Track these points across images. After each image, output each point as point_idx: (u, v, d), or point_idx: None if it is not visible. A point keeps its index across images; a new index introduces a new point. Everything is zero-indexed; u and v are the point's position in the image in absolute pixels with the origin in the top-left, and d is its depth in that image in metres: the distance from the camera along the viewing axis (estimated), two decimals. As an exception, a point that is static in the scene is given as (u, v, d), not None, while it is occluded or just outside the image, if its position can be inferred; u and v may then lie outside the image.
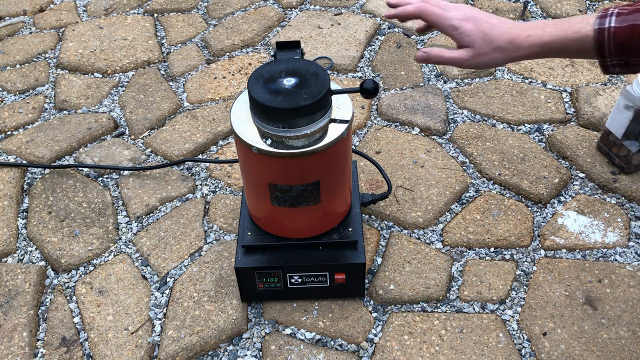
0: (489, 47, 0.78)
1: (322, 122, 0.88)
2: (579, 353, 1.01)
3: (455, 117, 1.49)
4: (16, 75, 1.69)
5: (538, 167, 1.34)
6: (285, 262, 1.02)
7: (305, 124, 0.87)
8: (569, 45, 0.75)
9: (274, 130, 0.87)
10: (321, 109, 0.87)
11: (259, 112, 0.88)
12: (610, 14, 0.72)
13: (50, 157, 1.42)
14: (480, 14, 0.80)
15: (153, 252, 1.21)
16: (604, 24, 0.71)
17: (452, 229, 1.22)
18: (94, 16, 1.93)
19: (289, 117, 0.85)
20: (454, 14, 0.80)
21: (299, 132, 0.87)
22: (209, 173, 1.37)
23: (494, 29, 0.78)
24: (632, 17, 0.69)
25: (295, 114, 0.85)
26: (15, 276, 1.17)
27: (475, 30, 0.78)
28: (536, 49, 0.77)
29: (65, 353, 1.05)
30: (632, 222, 1.23)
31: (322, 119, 0.88)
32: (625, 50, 0.71)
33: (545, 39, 0.76)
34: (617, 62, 0.73)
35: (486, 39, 0.78)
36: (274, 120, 0.86)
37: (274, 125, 0.87)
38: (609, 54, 0.72)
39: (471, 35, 0.79)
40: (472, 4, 1.90)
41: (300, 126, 0.87)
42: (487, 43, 0.78)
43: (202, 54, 1.75)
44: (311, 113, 0.86)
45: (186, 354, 1.04)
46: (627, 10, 0.71)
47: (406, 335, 1.05)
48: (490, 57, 0.79)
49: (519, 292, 1.11)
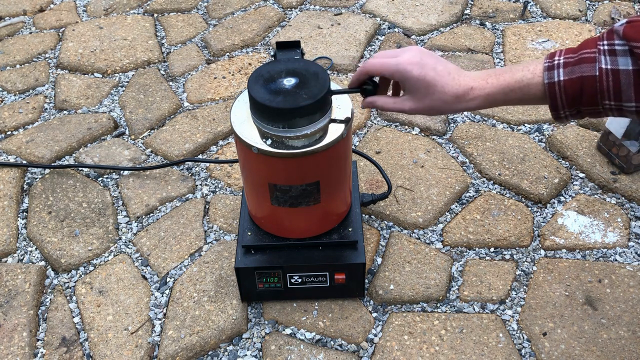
0: (431, 99, 0.79)
1: (322, 122, 0.88)
2: (579, 353, 1.01)
3: (455, 117, 1.49)
4: (16, 75, 1.69)
5: (538, 167, 1.34)
6: (285, 262, 1.02)
7: (305, 124, 0.87)
8: (511, 96, 0.76)
9: (274, 130, 0.87)
10: (321, 109, 0.87)
11: (259, 112, 0.88)
12: (557, 65, 0.71)
13: (50, 157, 1.42)
14: (428, 59, 0.79)
15: (153, 252, 1.21)
16: (553, 77, 0.71)
17: (452, 229, 1.22)
18: (94, 16, 1.93)
19: (289, 117, 0.85)
20: (400, 60, 0.80)
21: (299, 132, 0.87)
22: (209, 173, 1.37)
23: (438, 79, 0.78)
24: (578, 68, 0.69)
25: (295, 114, 0.85)
26: (15, 276, 1.17)
27: (420, 78, 0.78)
28: (480, 101, 0.78)
29: (65, 353, 1.05)
30: (632, 222, 1.23)
31: (322, 119, 0.88)
32: (576, 102, 0.71)
33: (487, 90, 0.77)
34: (570, 113, 0.73)
35: (429, 90, 0.78)
36: (274, 121, 0.86)
37: (274, 126, 0.87)
38: (562, 107, 0.72)
39: (415, 84, 0.79)
40: (472, 4, 1.90)
41: (300, 126, 0.87)
42: (430, 94, 0.79)
43: (202, 54, 1.75)
44: (311, 113, 0.86)
45: (186, 354, 1.04)
46: (573, 59, 0.70)
47: (406, 335, 1.05)
48: (432, 106, 0.80)
49: (519, 292, 1.11)
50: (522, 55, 1.67)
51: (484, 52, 1.69)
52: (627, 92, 0.67)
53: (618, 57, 0.67)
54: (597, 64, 0.68)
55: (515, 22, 1.82)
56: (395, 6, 1.90)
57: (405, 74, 0.79)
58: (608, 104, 0.69)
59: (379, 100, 0.86)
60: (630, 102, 0.68)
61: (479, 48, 1.71)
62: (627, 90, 0.67)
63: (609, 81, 0.68)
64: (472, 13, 1.87)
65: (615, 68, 0.67)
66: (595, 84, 0.68)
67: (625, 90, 0.67)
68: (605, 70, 0.68)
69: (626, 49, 0.67)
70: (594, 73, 0.68)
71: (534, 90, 0.74)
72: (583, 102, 0.71)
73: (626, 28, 0.66)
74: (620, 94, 0.68)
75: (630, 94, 0.67)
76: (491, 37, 1.75)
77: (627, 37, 0.66)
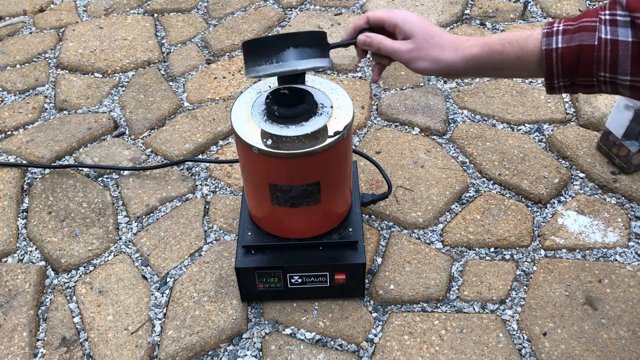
0: (428, 43, 0.78)
1: (315, 61, 0.84)
2: (579, 353, 1.01)
3: (455, 117, 1.50)
4: (16, 75, 1.68)
5: (538, 167, 1.34)
6: (285, 262, 1.02)
7: (298, 57, 0.83)
8: (507, 49, 0.74)
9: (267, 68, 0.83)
10: (316, 44, 0.84)
11: (253, 50, 0.84)
12: (556, 31, 0.70)
13: (50, 157, 1.42)
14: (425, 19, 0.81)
15: (153, 252, 1.21)
16: (551, 44, 0.70)
17: (452, 229, 1.22)
18: (94, 16, 1.93)
19: (283, 44, 0.82)
20: (399, 10, 0.82)
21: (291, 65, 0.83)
22: (209, 173, 1.37)
23: (436, 29, 0.79)
24: (578, 36, 0.68)
25: (289, 41, 0.82)
26: (15, 276, 1.17)
27: (419, 23, 0.79)
28: (478, 49, 0.76)
29: (65, 353, 1.05)
30: (632, 222, 1.23)
31: (316, 58, 0.84)
32: (572, 72, 0.70)
33: (486, 40, 0.76)
34: (564, 84, 0.72)
35: (428, 33, 0.78)
36: (268, 53, 0.82)
37: (267, 62, 0.83)
38: (556, 76, 0.71)
39: (414, 27, 0.79)
40: (472, 4, 1.90)
41: (292, 59, 0.83)
42: (429, 38, 0.78)
43: (202, 54, 1.75)
44: (305, 45, 0.83)
45: (186, 354, 1.04)
46: (573, 27, 0.69)
47: (406, 335, 1.05)
48: (428, 54, 0.78)
49: (519, 292, 1.11)
50: (522, 55, 1.67)
51: (484, 52, 1.69)
52: (624, 64, 0.66)
53: (619, 27, 0.66)
54: (596, 33, 0.66)
55: (515, 22, 1.82)
56: (395, 6, 1.90)
57: (406, 16, 0.79)
58: (603, 76, 0.68)
59: (376, 37, 0.82)
60: (625, 75, 0.67)
61: (479, 48, 1.71)
62: (623, 62, 0.66)
63: (606, 52, 0.66)
64: (472, 13, 1.87)
65: (614, 39, 0.66)
66: (593, 54, 0.67)
67: (622, 62, 0.66)
68: (604, 40, 0.66)
69: (627, 20, 0.65)
70: (593, 42, 0.66)
71: (531, 46, 0.72)
72: (579, 72, 0.69)
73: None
74: (617, 66, 0.66)
75: (627, 66, 0.66)
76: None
77: (630, 8, 0.65)
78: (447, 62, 0.78)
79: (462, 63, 0.78)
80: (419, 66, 0.80)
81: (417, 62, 0.79)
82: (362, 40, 0.84)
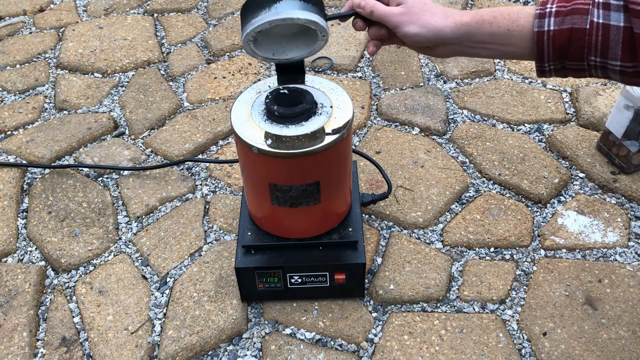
0: (420, 8, 0.77)
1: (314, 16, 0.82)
2: (579, 353, 1.01)
3: (455, 117, 1.50)
4: (16, 75, 1.69)
5: (538, 167, 1.34)
6: (285, 262, 1.02)
7: (296, 7, 0.80)
8: (499, 20, 0.73)
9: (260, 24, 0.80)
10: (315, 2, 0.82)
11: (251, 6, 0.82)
12: (549, 12, 0.69)
13: (50, 157, 1.42)
14: None
15: (153, 252, 1.21)
16: (543, 25, 0.69)
17: (452, 229, 1.22)
18: (94, 16, 1.93)
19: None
20: None
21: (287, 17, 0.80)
22: (209, 173, 1.37)
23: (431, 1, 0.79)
24: (570, 18, 0.67)
25: None
26: (15, 276, 1.17)
27: None
28: (467, 18, 0.75)
29: (65, 353, 1.05)
30: (632, 222, 1.23)
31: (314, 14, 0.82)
32: (563, 55, 0.69)
33: (477, 11, 0.75)
34: (554, 67, 0.71)
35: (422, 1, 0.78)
36: (264, 5, 0.80)
37: (262, 11, 0.81)
38: (547, 59, 0.70)
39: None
40: (472, 4, 1.90)
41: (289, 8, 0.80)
42: (420, 4, 0.78)
43: (202, 54, 1.75)
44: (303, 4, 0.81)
45: (186, 354, 1.04)
46: (566, 9, 0.68)
47: (406, 335, 1.05)
48: (418, 18, 0.77)
49: (519, 292, 1.11)
50: (522, 55, 1.67)
51: (484, 52, 1.69)
52: (614, 49, 0.65)
53: (611, 11, 0.65)
54: (589, 16, 0.66)
55: (515, 22, 1.82)
56: (395, 6, 1.90)
57: None
58: (593, 61, 0.67)
59: (371, 1, 0.81)
60: (615, 60, 0.66)
61: (479, 48, 1.71)
62: (614, 47, 0.65)
63: (598, 36, 0.65)
64: (472, 13, 1.87)
65: (606, 23, 0.65)
66: (584, 38, 0.66)
67: (613, 47, 0.65)
68: (596, 24, 0.65)
69: (621, 4, 0.64)
70: (585, 26, 0.66)
71: (522, 21, 0.71)
72: (569, 55, 0.68)
73: None
74: (607, 51, 0.66)
75: (617, 52, 0.65)
76: (491, 37, 1.75)
77: None
78: (436, 27, 0.77)
79: (451, 29, 0.77)
80: (408, 30, 0.78)
81: (407, 25, 0.78)
82: (356, 2, 0.83)
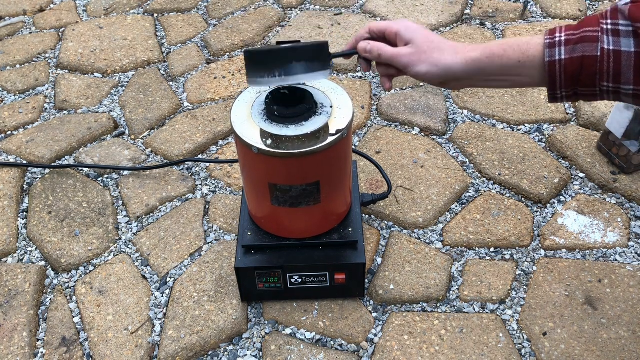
0: (428, 47, 0.78)
1: (318, 74, 0.84)
2: (579, 353, 1.01)
3: (455, 117, 1.50)
4: (16, 75, 1.69)
5: (538, 167, 1.34)
6: (285, 262, 1.02)
7: (302, 71, 0.82)
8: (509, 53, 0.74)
9: (269, 81, 0.83)
10: (318, 57, 0.84)
11: (256, 61, 0.83)
12: (559, 42, 0.70)
13: (50, 157, 1.42)
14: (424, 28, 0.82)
15: (153, 252, 1.21)
16: (554, 55, 0.70)
17: (452, 229, 1.22)
18: (94, 16, 1.93)
19: (287, 58, 0.82)
20: (400, 19, 0.83)
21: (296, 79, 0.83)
22: (209, 173, 1.37)
23: (436, 35, 0.79)
24: (580, 46, 0.68)
25: (292, 55, 0.82)
26: (15, 276, 1.17)
27: (419, 30, 0.79)
28: (476, 54, 0.75)
29: (65, 353, 1.05)
30: (632, 222, 1.23)
31: (319, 71, 0.84)
32: (575, 82, 0.70)
33: (486, 44, 0.76)
34: (566, 94, 0.72)
35: (428, 38, 0.78)
36: (271, 66, 0.82)
37: (270, 75, 0.82)
38: (559, 87, 0.71)
39: (415, 33, 0.79)
40: (472, 4, 1.90)
41: (297, 73, 0.82)
42: (428, 42, 0.78)
43: (202, 54, 1.75)
44: (308, 58, 0.83)
45: (186, 354, 1.04)
46: (575, 37, 0.69)
47: (406, 335, 1.05)
48: (428, 57, 0.77)
49: (519, 292, 1.11)
50: (522, 55, 1.67)
51: (484, 52, 1.69)
52: (627, 74, 0.66)
53: (621, 37, 0.65)
54: (599, 44, 0.66)
55: (515, 22, 1.82)
56: (395, 6, 1.90)
57: (407, 24, 0.80)
58: (606, 86, 0.68)
59: (377, 44, 0.82)
60: (628, 84, 0.67)
61: (479, 48, 1.71)
62: (626, 72, 0.66)
63: (609, 62, 0.66)
64: (472, 13, 1.87)
65: (617, 49, 0.65)
66: (596, 65, 0.67)
67: (625, 72, 0.66)
68: (607, 51, 0.66)
69: (630, 30, 0.65)
70: (596, 53, 0.66)
71: (532, 51, 0.72)
72: (581, 82, 0.69)
73: (632, 8, 0.64)
74: (620, 76, 0.66)
75: (630, 76, 0.66)
76: (491, 37, 1.75)
77: (632, 18, 0.64)
78: (446, 65, 0.77)
79: (462, 66, 0.77)
80: (419, 70, 0.79)
81: (417, 65, 0.79)
82: (362, 47, 0.83)
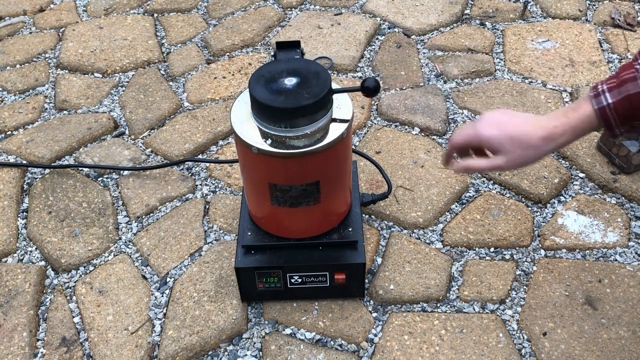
0: (520, 149, 0.84)
1: (323, 121, 0.88)
2: (579, 353, 1.01)
3: (455, 117, 1.49)
4: (16, 75, 1.69)
5: (538, 167, 1.34)
6: (285, 262, 1.02)
7: (306, 123, 0.87)
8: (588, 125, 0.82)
9: (275, 130, 0.87)
10: (323, 108, 0.88)
11: (261, 113, 0.88)
12: (602, 91, 0.80)
13: (50, 157, 1.42)
14: (502, 117, 0.86)
15: (153, 252, 1.21)
16: (601, 102, 0.79)
17: (452, 229, 1.22)
18: (94, 16, 1.93)
19: (291, 116, 0.86)
20: (478, 127, 0.86)
21: (301, 131, 0.87)
22: (209, 173, 1.37)
23: (520, 130, 0.84)
24: (624, 88, 0.78)
25: (297, 113, 0.85)
26: (15, 276, 1.17)
27: (501, 135, 0.84)
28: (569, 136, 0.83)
29: (65, 353, 1.05)
30: (632, 222, 1.23)
31: (324, 118, 0.88)
32: (628, 118, 0.79)
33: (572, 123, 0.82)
34: (625, 130, 0.81)
35: (515, 142, 0.84)
36: (276, 120, 0.86)
37: (276, 125, 0.87)
38: (616, 125, 0.80)
39: (500, 143, 0.84)
40: (472, 4, 1.90)
41: (302, 125, 0.87)
42: (518, 146, 0.84)
43: (202, 54, 1.75)
44: (313, 112, 0.86)
45: (186, 354, 1.04)
46: (615, 83, 0.79)
47: (406, 335, 1.05)
48: (524, 154, 0.84)
49: (519, 292, 1.11)
50: (522, 55, 1.67)
51: (484, 52, 1.69)
52: None
53: None
54: (638, 81, 0.77)
55: (515, 22, 1.82)
56: (395, 6, 1.90)
57: (487, 138, 0.85)
58: None
59: (473, 162, 0.89)
60: None
61: (479, 48, 1.71)
62: None
63: None
64: (472, 13, 1.87)
65: None
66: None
67: None
68: None
69: None
70: (638, 89, 0.77)
71: (582, 110, 0.83)
72: (635, 117, 0.79)
73: None
74: None
75: None
76: (491, 37, 1.75)
77: None
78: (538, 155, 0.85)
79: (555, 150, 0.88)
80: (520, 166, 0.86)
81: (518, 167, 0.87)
82: (459, 169, 0.91)
